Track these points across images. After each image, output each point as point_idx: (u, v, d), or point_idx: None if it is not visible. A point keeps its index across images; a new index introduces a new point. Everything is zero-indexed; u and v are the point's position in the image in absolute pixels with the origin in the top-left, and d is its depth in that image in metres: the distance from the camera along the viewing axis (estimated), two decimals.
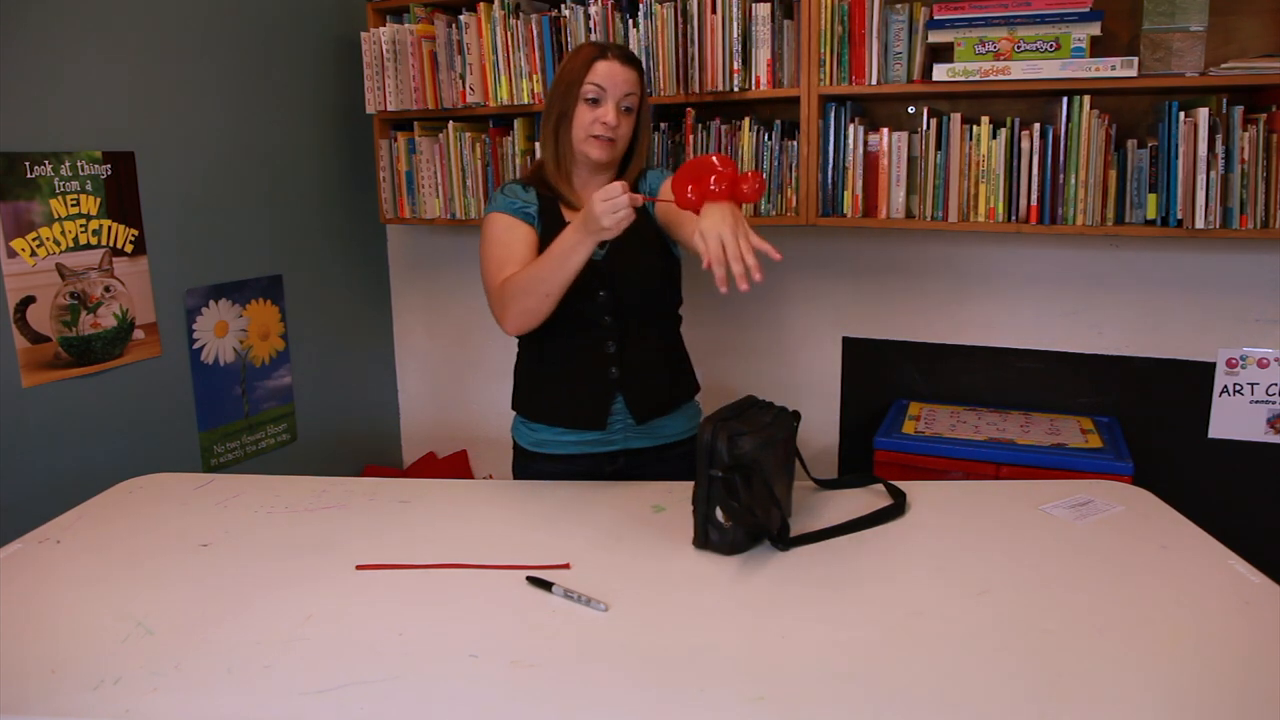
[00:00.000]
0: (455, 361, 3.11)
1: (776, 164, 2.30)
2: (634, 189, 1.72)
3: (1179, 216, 1.98)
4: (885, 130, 2.20)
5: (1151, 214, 2.03)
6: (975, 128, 2.13)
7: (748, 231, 1.30)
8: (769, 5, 2.18)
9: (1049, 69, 1.98)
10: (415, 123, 2.64)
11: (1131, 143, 2.04)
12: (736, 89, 2.24)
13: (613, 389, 1.67)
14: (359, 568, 1.31)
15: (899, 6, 2.12)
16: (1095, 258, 2.34)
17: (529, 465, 1.76)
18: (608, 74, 1.63)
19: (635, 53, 1.87)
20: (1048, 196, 2.08)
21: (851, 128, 2.21)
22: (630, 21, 2.30)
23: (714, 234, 1.28)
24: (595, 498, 1.56)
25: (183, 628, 1.15)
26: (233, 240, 2.52)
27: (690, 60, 2.26)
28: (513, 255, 1.63)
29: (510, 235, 1.66)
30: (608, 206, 1.36)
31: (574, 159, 1.69)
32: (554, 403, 1.71)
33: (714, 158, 1.37)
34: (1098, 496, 1.52)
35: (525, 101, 2.46)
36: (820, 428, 2.67)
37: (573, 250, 1.46)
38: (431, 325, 3.13)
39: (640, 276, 1.66)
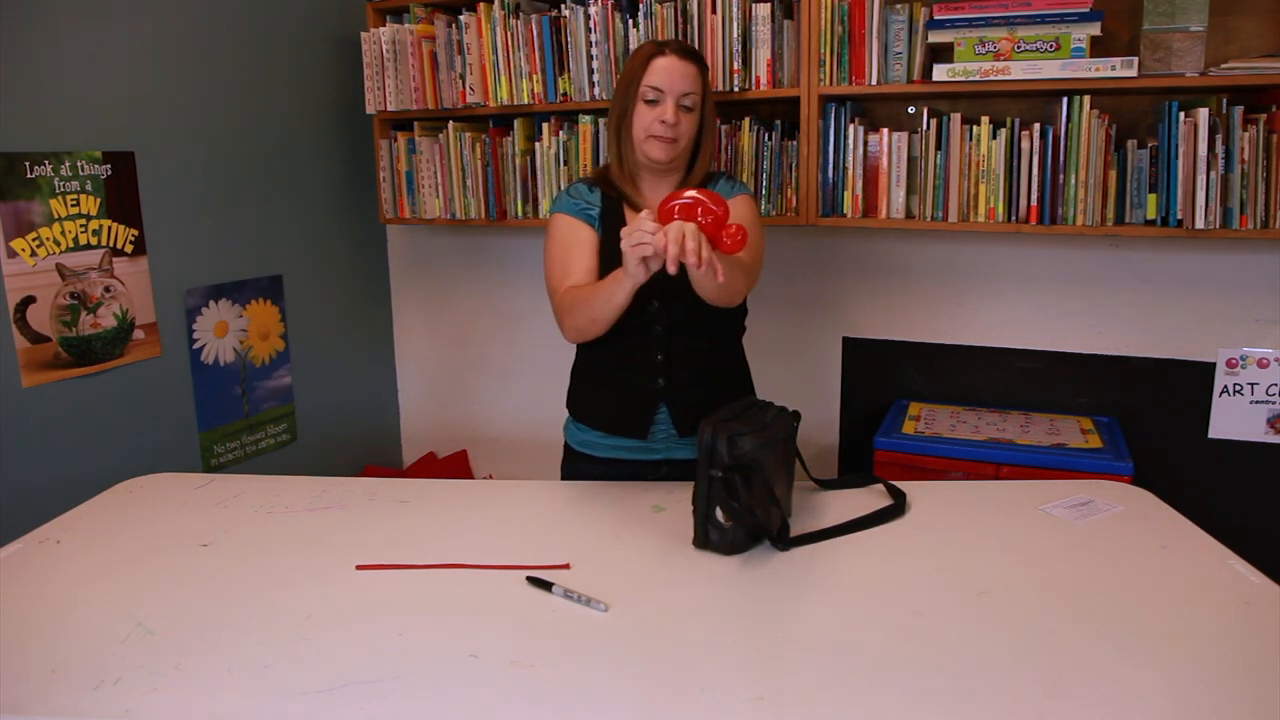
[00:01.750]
0: (455, 361, 3.11)
1: (776, 164, 2.30)
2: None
3: (1179, 216, 1.98)
4: (885, 130, 2.20)
5: (1151, 214, 2.03)
6: (975, 128, 2.13)
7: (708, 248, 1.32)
8: (769, 5, 2.18)
9: (1049, 69, 1.98)
10: (415, 123, 2.64)
11: (1131, 143, 2.04)
12: (736, 89, 2.24)
13: (657, 399, 1.65)
14: (359, 568, 1.31)
15: (899, 6, 2.12)
16: (1095, 258, 2.34)
17: (575, 465, 1.76)
18: (665, 71, 1.59)
19: (695, 48, 1.74)
20: (1048, 196, 2.08)
21: (851, 128, 2.21)
22: (630, 21, 2.30)
23: (677, 227, 1.29)
24: (595, 498, 1.56)
25: (183, 628, 1.15)
26: (233, 240, 2.52)
27: None
28: (573, 259, 1.63)
29: (572, 237, 1.65)
30: (630, 251, 1.33)
31: (637, 160, 1.66)
32: (600, 406, 1.71)
33: (708, 196, 1.36)
34: (1098, 496, 1.52)
35: (525, 101, 2.46)
36: (820, 428, 2.67)
37: (616, 288, 1.44)
38: (431, 325, 3.13)
39: (693, 289, 1.58)
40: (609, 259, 1.61)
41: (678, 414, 1.65)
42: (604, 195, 1.69)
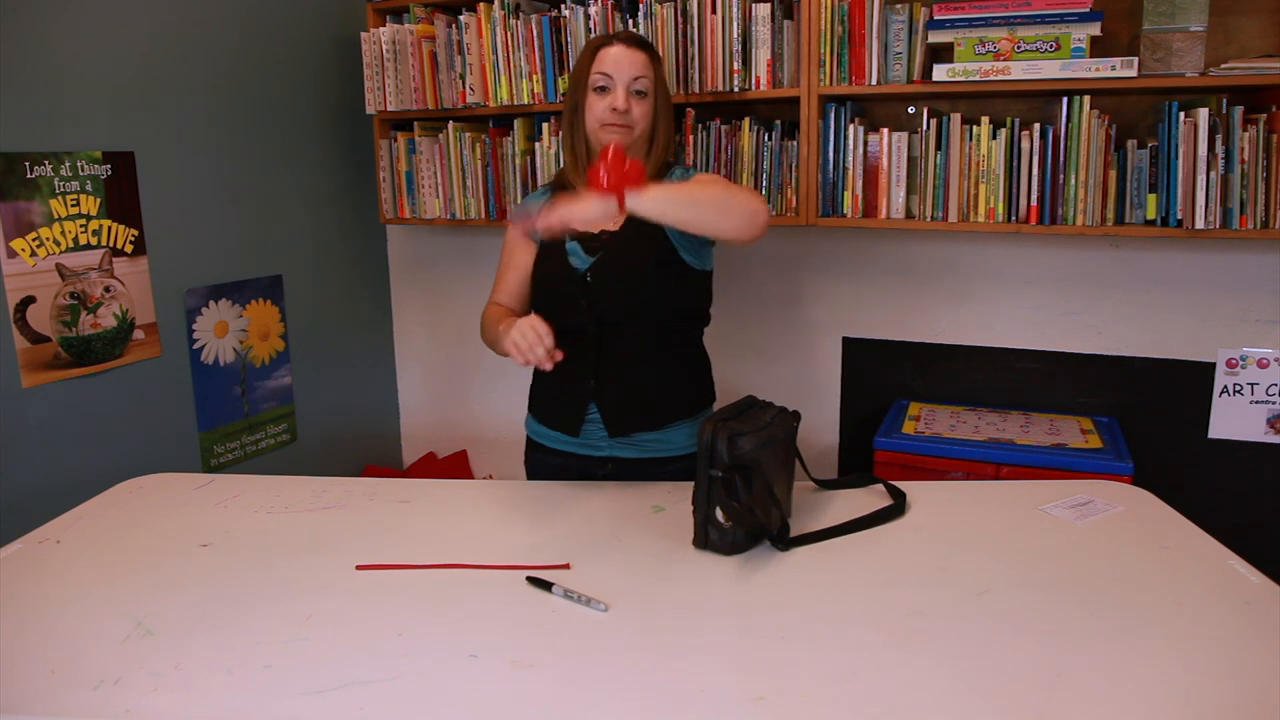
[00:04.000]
0: (455, 361, 3.11)
1: (776, 164, 2.30)
2: (660, 181, 1.62)
3: (1179, 216, 1.98)
4: (885, 130, 2.20)
5: (1151, 214, 2.03)
6: (975, 128, 2.13)
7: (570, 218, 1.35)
8: (769, 5, 2.18)
9: (1049, 69, 1.98)
10: (415, 123, 2.64)
11: (1131, 143, 2.04)
12: (736, 89, 2.24)
13: (587, 398, 1.63)
14: (359, 568, 1.31)
15: (899, 6, 2.12)
16: (1095, 258, 2.34)
17: (532, 454, 1.79)
18: (614, 59, 1.59)
19: (645, 37, 1.75)
20: (1048, 196, 2.08)
21: (851, 128, 2.21)
22: (630, 22, 2.30)
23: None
24: (595, 498, 1.56)
25: (183, 628, 1.15)
26: (233, 240, 2.52)
27: (690, 60, 2.26)
28: (506, 276, 1.73)
29: (510, 250, 1.72)
30: (514, 346, 1.40)
31: (593, 154, 1.65)
32: (541, 401, 1.74)
33: (610, 150, 1.39)
34: (1098, 496, 1.52)
35: (525, 101, 2.46)
36: (820, 428, 2.67)
37: (500, 340, 1.50)
38: (431, 325, 3.13)
39: (625, 288, 1.58)
40: (545, 259, 1.67)
41: (608, 414, 1.62)
42: (554, 196, 1.69)
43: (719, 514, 1.31)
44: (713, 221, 1.44)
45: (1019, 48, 2.01)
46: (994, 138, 2.11)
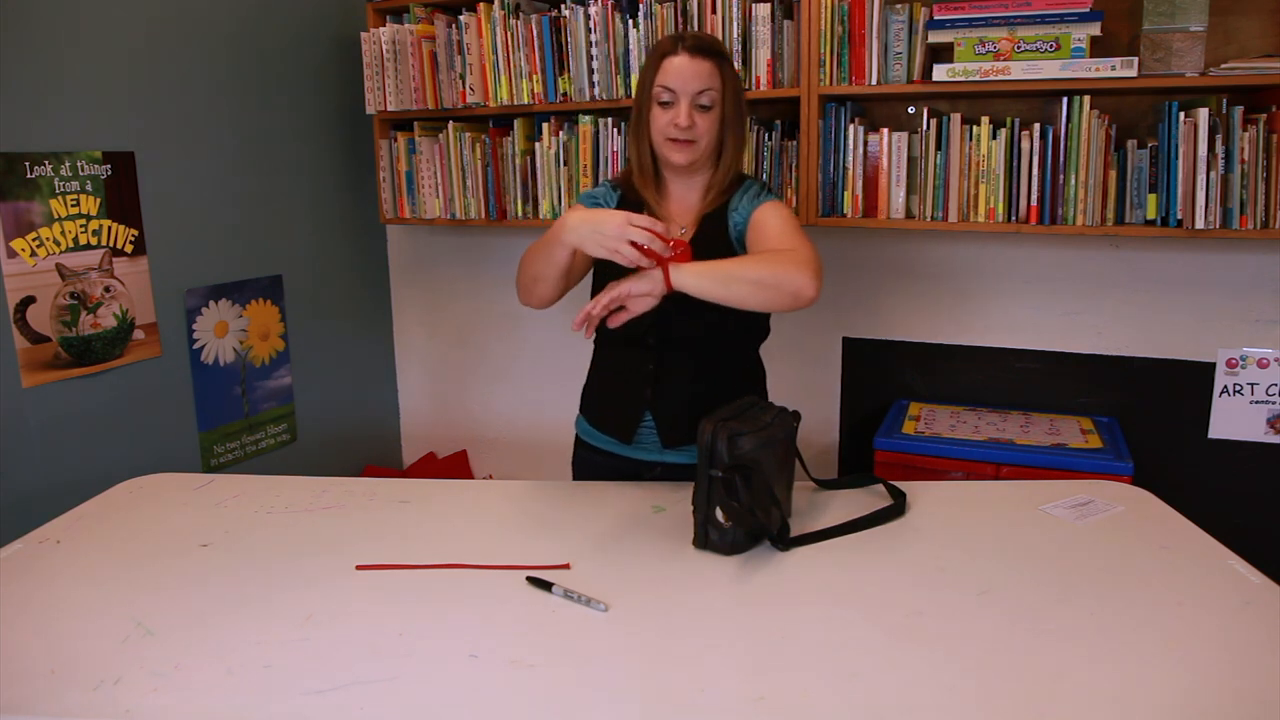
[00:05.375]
0: (455, 361, 3.11)
1: (776, 164, 2.30)
2: (725, 199, 1.62)
3: (1179, 216, 1.98)
4: (885, 130, 2.20)
5: (1151, 214, 2.04)
6: (975, 128, 2.13)
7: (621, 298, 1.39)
8: (769, 5, 2.18)
9: (1049, 69, 1.98)
10: (415, 123, 2.64)
11: (1131, 143, 2.04)
12: None
13: (643, 407, 1.63)
14: (359, 568, 1.31)
15: (899, 6, 2.12)
16: (1095, 258, 2.34)
17: (579, 454, 1.77)
18: (678, 71, 1.53)
19: (714, 40, 1.62)
20: (1048, 196, 2.08)
21: (851, 128, 2.21)
22: (630, 22, 2.30)
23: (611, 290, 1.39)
24: (595, 498, 1.56)
25: (183, 628, 1.15)
26: (233, 240, 2.53)
27: None
28: None
29: None
30: (603, 240, 1.37)
31: (659, 163, 1.63)
32: (595, 404, 1.73)
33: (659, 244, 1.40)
34: (1098, 496, 1.52)
35: (525, 101, 2.46)
36: (820, 428, 2.67)
37: (552, 243, 1.47)
38: (431, 325, 3.13)
39: (690, 304, 1.50)
40: (607, 269, 1.58)
41: (663, 425, 1.62)
42: (623, 196, 1.68)
43: (719, 514, 1.31)
44: (754, 301, 1.45)
45: (1019, 48, 2.01)
46: (994, 138, 2.11)
